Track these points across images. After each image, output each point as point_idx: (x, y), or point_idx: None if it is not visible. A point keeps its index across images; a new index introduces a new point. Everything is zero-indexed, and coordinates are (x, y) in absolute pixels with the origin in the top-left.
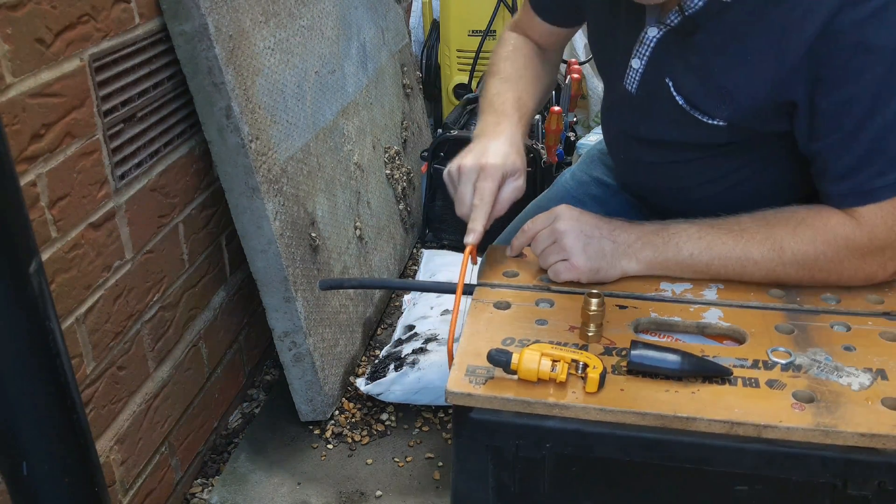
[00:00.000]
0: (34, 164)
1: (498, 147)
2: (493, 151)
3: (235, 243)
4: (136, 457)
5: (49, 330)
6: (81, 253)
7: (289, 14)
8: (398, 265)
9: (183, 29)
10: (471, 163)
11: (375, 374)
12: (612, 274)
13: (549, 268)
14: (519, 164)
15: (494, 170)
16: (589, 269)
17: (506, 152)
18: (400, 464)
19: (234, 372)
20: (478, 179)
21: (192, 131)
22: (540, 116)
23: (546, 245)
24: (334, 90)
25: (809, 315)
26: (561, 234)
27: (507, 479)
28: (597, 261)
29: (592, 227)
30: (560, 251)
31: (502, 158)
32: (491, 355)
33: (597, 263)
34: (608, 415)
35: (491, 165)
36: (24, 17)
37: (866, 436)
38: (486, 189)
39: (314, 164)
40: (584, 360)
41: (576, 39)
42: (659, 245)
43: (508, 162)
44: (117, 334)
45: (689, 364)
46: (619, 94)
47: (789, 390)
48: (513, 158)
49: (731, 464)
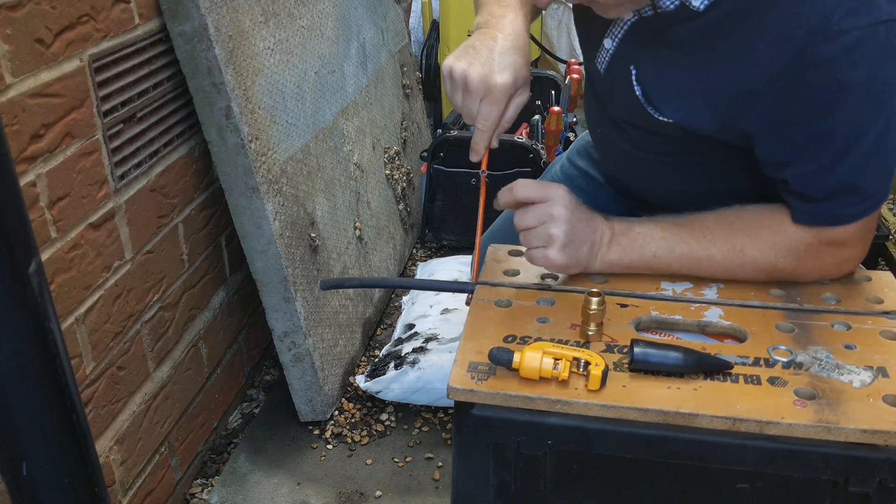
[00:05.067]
0: (34, 165)
1: (506, 58)
2: (500, 64)
3: (235, 243)
4: (136, 457)
5: (49, 330)
6: (81, 253)
7: (288, 14)
8: (398, 265)
9: (183, 29)
10: (478, 78)
11: (375, 372)
12: (575, 272)
13: (527, 249)
14: (525, 76)
15: (503, 93)
16: (562, 266)
17: (514, 64)
18: (399, 464)
19: (233, 372)
20: (483, 100)
21: (192, 131)
22: (540, 116)
23: (533, 224)
24: (334, 90)
25: (809, 314)
26: (553, 219)
27: (507, 476)
28: (571, 259)
29: (583, 223)
30: (544, 238)
31: (511, 75)
32: (492, 354)
33: (570, 262)
34: (610, 411)
35: (499, 89)
36: (24, 17)
37: (868, 432)
38: (492, 115)
39: (314, 164)
40: (585, 357)
41: (575, 39)
42: (626, 246)
43: (518, 76)
44: (117, 334)
45: (691, 360)
46: (593, 72)
47: (791, 387)
48: (521, 71)
49: (732, 461)
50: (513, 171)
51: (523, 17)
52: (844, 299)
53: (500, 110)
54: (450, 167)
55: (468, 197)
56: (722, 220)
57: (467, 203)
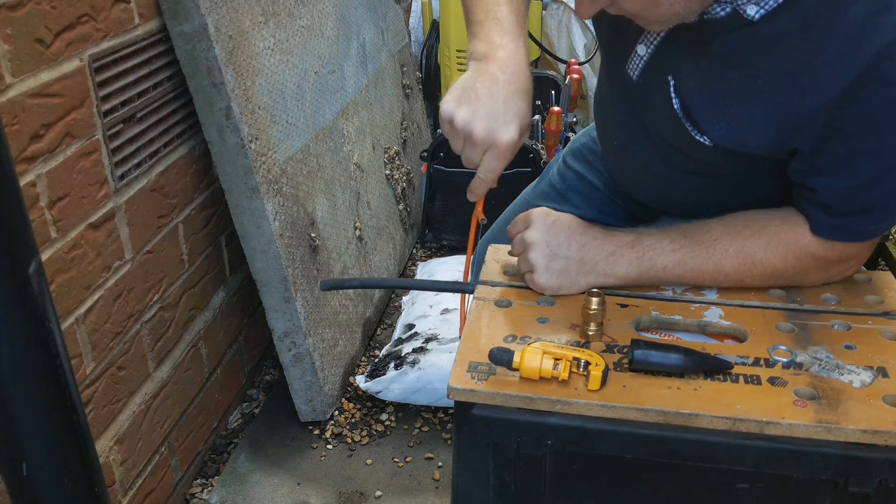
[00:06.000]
0: (34, 165)
1: (511, 107)
2: (506, 116)
3: (235, 243)
4: (136, 457)
5: (49, 330)
6: (81, 253)
7: (288, 14)
8: (398, 265)
9: (183, 29)
10: (482, 133)
11: (375, 372)
12: (574, 290)
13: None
14: (528, 121)
15: (508, 150)
16: (550, 287)
17: (519, 113)
18: (399, 464)
19: (233, 372)
20: (487, 153)
21: (192, 131)
22: (540, 116)
23: (518, 251)
24: (334, 90)
25: (810, 314)
26: (528, 245)
27: (507, 476)
28: (559, 279)
29: (562, 240)
30: (526, 263)
31: (517, 128)
32: (493, 354)
33: (558, 282)
34: (610, 411)
35: (506, 145)
36: (24, 17)
37: (868, 432)
38: (497, 168)
39: (314, 164)
40: (585, 357)
41: (576, 39)
42: (633, 260)
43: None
44: (117, 334)
45: (691, 360)
46: (620, 79)
47: (791, 387)
48: (524, 120)
49: (732, 461)
50: (513, 172)
51: (524, 44)
52: (844, 299)
53: (505, 164)
54: (450, 167)
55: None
56: (731, 228)
57: (467, 203)
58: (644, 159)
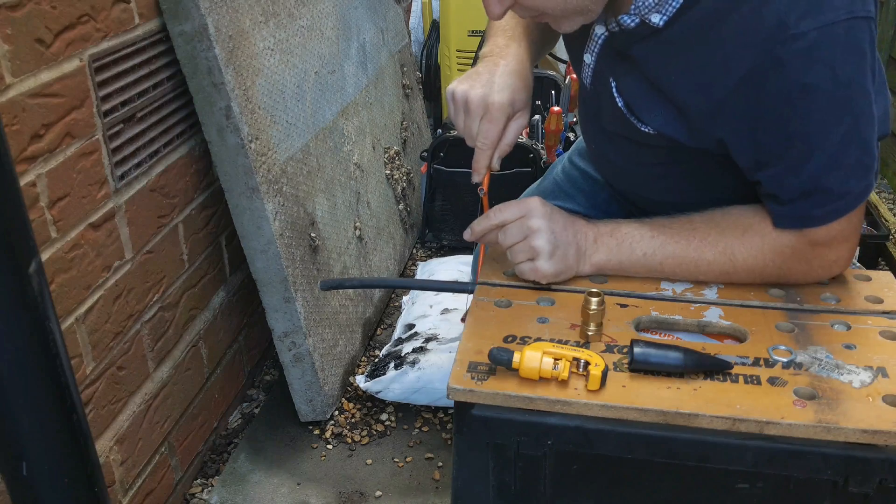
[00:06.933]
0: (34, 165)
1: (505, 80)
2: (499, 85)
3: (235, 243)
4: (136, 457)
5: (49, 330)
6: (81, 253)
7: (288, 14)
8: (398, 265)
9: (183, 29)
10: (477, 98)
11: (375, 372)
12: (569, 276)
13: (515, 264)
14: (525, 99)
15: (500, 112)
16: (552, 275)
17: (513, 86)
18: (400, 464)
19: (233, 372)
20: (483, 119)
21: (192, 131)
22: (540, 116)
23: (516, 240)
24: (334, 90)
25: (809, 314)
26: (533, 232)
27: (507, 476)
28: (560, 266)
29: (562, 228)
30: (529, 251)
31: (509, 95)
32: (492, 354)
33: (560, 268)
34: (610, 411)
35: (497, 106)
36: (24, 17)
37: (868, 432)
38: (491, 133)
39: (314, 164)
40: (585, 357)
41: None
42: (612, 247)
43: (516, 99)
44: (117, 334)
45: (691, 360)
46: (582, 87)
47: (791, 387)
48: (519, 94)
49: (732, 461)
50: (513, 171)
51: (526, 49)
52: (844, 299)
53: (498, 129)
54: (450, 167)
55: (468, 197)
56: (710, 221)
57: (467, 203)
58: (608, 156)
